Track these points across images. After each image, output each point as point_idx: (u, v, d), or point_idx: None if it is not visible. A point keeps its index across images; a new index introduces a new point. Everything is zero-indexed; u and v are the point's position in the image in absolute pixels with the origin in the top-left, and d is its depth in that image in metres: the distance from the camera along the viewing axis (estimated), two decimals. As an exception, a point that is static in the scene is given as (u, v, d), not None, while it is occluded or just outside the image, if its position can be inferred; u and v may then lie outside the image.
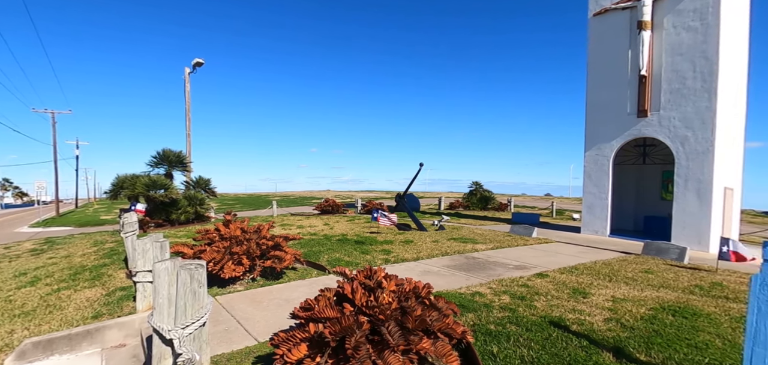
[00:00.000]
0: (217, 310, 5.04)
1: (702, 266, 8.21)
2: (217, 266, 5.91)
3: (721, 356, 3.62)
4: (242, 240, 6.44)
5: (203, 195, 16.24)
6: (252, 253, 6.29)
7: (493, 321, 4.37)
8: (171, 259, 3.43)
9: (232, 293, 5.79)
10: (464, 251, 9.31)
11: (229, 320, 4.73)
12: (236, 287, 6.04)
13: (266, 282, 6.27)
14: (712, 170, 10.97)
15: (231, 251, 6.19)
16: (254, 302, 5.39)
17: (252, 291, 5.87)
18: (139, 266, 5.03)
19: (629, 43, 12.51)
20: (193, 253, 6.15)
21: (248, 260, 6.16)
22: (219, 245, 6.29)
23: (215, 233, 6.68)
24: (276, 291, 5.89)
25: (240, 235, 6.54)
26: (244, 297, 5.63)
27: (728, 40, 11.31)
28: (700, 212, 11.17)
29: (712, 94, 10.93)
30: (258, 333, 4.28)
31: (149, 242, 4.93)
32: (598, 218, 13.48)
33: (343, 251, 8.99)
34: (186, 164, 17.12)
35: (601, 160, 13.39)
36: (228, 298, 5.54)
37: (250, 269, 6.23)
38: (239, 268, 5.99)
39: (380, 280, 3.67)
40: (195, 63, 19.23)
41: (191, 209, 15.10)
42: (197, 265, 3.17)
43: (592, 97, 13.65)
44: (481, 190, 27.17)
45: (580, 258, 8.86)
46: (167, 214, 14.45)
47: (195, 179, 17.30)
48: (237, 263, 6.07)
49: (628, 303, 5.22)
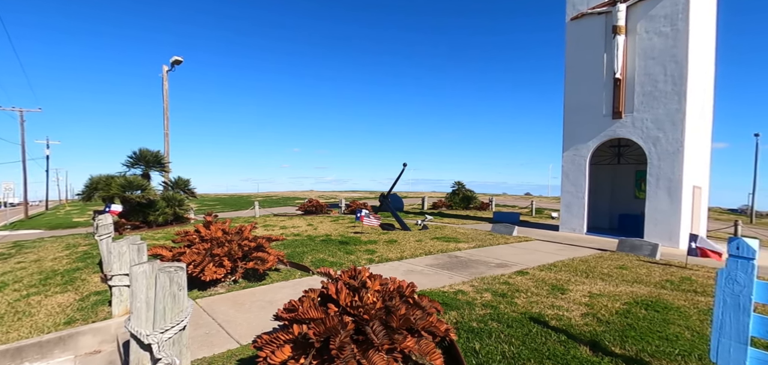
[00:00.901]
0: (198, 313, 4.94)
1: (673, 262, 8.59)
2: (198, 268, 5.79)
3: (690, 347, 3.80)
4: (223, 242, 6.33)
5: (182, 196, 15.84)
6: (234, 255, 6.19)
7: (476, 319, 4.45)
8: (149, 262, 3.34)
9: (213, 295, 5.68)
10: (447, 250, 9.42)
11: (211, 323, 4.65)
12: (217, 289, 5.93)
13: (248, 284, 6.18)
14: (681, 170, 11.47)
15: (212, 253, 6.08)
16: (236, 304, 5.31)
17: (234, 294, 5.78)
18: (115, 270, 4.88)
19: (605, 47, 12.94)
20: (172, 255, 6.01)
21: (230, 262, 6.06)
22: (199, 247, 6.17)
23: (195, 234, 6.54)
24: (259, 292, 5.82)
25: (221, 236, 6.43)
26: (226, 299, 5.54)
27: (697, 45, 11.85)
28: (670, 210, 11.66)
29: (682, 96, 11.43)
30: (240, 336, 4.22)
31: (126, 244, 4.79)
32: (575, 217, 13.88)
33: (327, 251, 8.95)
34: (164, 164, 16.65)
35: (578, 160, 13.79)
36: (209, 301, 5.44)
37: (231, 271, 6.13)
38: (220, 270, 5.89)
39: (365, 280, 3.68)
40: (173, 61, 18.73)
41: (170, 211, 14.70)
42: (177, 267, 3.10)
43: (570, 99, 14.04)
44: (463, 190, 27.52)
45: (558, 256, 9.11)
46: (144, 216, 14.03)
47: (174, 180, 16.84)
48: (218, 265, 5.97)
49: (604, 298, 5.41)
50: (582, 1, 13.51)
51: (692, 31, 11.41)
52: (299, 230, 12.62)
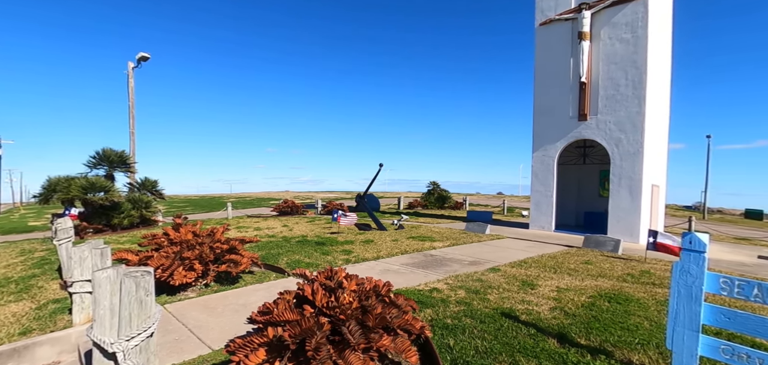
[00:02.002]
0: (167, 319, 4.77)
1: (633, 257, 9.09)
2: (166, 272, 5.59)
3: (648, 336, 4.05)
4: (194, 244, 6.14)
5: (149, 198, 15.18)
6: (205, 258, 6.02)
7: (450, 315, 4.55)
8: (113, 266, 3.20)
9: (183, 300, 5.50)
10: (423, 249, 9.54)
11: (181, 329, 4.50)
12: (188, 294, 5.75)
13: (221, 288, 6.02)
14: (641, 169, 12.15)
15: (181, 256, 5.88)
16: (208, 308, 5.17)
17: (205, 298, 5.62)
18: (76, 276, 4.63)
19: (571, 51, 13.51)
20: (139, 259, 5.77)
21: (201, 266, 5.89)
22: (168, 251, 5.95)
23: (164, 237, 6.30)
24: (232, 296, 5.68)
25: (191, 239, 6.23)
26: (197, 304, 5.37)
27: (655, 51, 12.59)
28: (631, 207, 12.33)
29: (642, 100, 12.11)
30: (212, 341, 4.12)
31: (88, 249, 4.56)
32: (544, 215, 14.41)
33: (303, 252, 8.85)
34: (130, 165, 15.90)
35: (547, 160, 14.32)
36: (179, 306, 5.26)
37: (202, 275, 5.95)
38: (191, 274, 5.71)
39: (341, 280, 3.68)
40: (139, 57, 17.93)
41: (136, 213, 14.06)
42: (144, 272, 2.99)
43: (539, 101, 14.56)
44: (438, 190, 27.94)
45: (528, 252, 9.43)
46: (108, 219, 13.34)
47: (140, 181, 16.12)
48: (188, 268, 5.78)
49: (571, 292, 5.66)
50: (550, 7, 14.04)
51: (651, 39, 12.11)
52: (274, 232, 12.40)
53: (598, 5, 12.81)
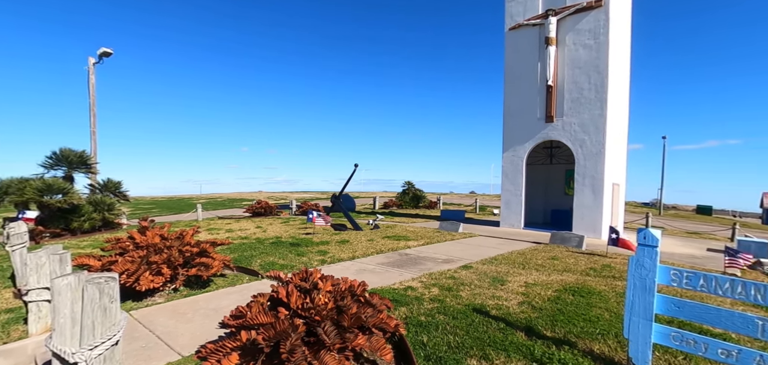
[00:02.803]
0: (133, 326, 4.60)
1: (596, 252, 9.58)
2: (132, 277, 5.37)
3: (608, 326, 4.31)
4: (162, 248, 5.94)
5: (113, 200, 14.45)
6: (174, 261, 5.83)
7: (424, 313, 4.65)
8: (74, 273, 3.06)
9: (150, 306, 5.31)
10: (398, 249, 9.65)
11: (148, 336, 4.35)
12: (155, 299, 5.55)
13: (191, 292, 5.85)
14: (603, 169, 12.82)
15: (148, 260, 5.67)
16: (177, 314, 5.02)
17: (174, 303, 5.45)
18: (32, 284, 4.38)
19: (538, 56, 14.05)
20: (102, 265, 5.51)
21: (169, 270, 5.70)
22: (134, 255, 5.72)
23: (129, 241, 6.05)
24: (202, 300, 5.54)
25: (159, 242, 6.02)
26: (165, 309, 5.20)
27: (615, 56, 13.31)
28: (594, 205, 12.98)
29: (604, 103, 12.77)
30: (182, 347, 4.01)
31: (45, 254, 4.32)
32: (514, 213, 14.91)
33: (277, 254, 8.73)
34: (90, 165, 15.07)
35: (516, 160, 14.82)
36: (146, 312, 5.08)
37: (171, 280, 5.76)
38: (158, 278, 5.51)
39: (316, 281, 3.69)
40: (101, 53, 17.02)
41: (98, 216, 13.34)
42: (108, 278, 2.88)
43: (509, 103, 15.05)
44: (413, 189, 28.25)
45: (499, 249, 9.74)
46: (67, 222, 12.59)
47: (102, 182, 15.31)
48: (156, 273, 5.58)
49: (538, 287, 5.92)
50: (519, 13, 14.54)
51: (612, 44, 12.79)
52: (247, 233, 12.14)
53: (564, 12, 13.39)
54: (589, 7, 12.92)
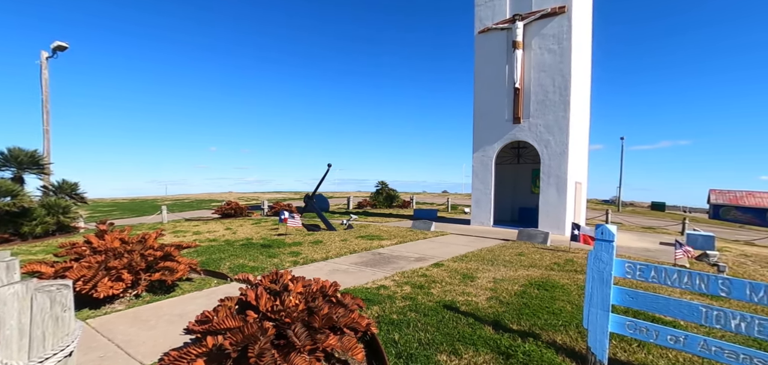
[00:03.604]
0: (91, 335, 4.35)
1: (560, 247, 10.02)
2: (89, 284, 5.08)
3: (570, 318, 4.53)
4: (122, 252, 5.65)
5: (68, 202, 13.55)
6: (135, 266, 5.56)
7: (396, 311, 4.70)
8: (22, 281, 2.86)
9: (109, 314, 5.04)
10: (371, 248, 9.67)
11: (107, 345, 4.14)
12: (115, 306, 5.27)
13: (154, 298, 5.61)
14: (567, 168, 13.41)
15: (107, 266, 5.38)
16: (139, 321, 4.80)
17: (135, 309, 5.20)
18: (-25, 295, 4.05)
19: (507, 59, 14.50)
20: (55, 271, 5.18)
21: (130, 275, 5.43)
22: (91, 260, 5.41)
23: (85, 246, 5.72)
24: (167, 306, 5.32)
25: (119, 247, 5.72)
26: (126, 316, 4.96)
27: (578, 60, 13.95)
28: (558, 203, 13.56)
29: (567, 105, 13.36)
30: (144, 356, 3.84)
31: (-10, 263, 4.00)
32: (484, 211, 15.31)
33: (247, 256, 8.52)
34: (43, 166, 14.06)
35: (485, 160, 15.23)
36: (104, 320, 4.82)
37: (132, 285, 5.50)
38: (118, 284, 5.24)
39: (287, 283, 3.65)
40: (55, 47, 15.91)
41: (51, 220, 12.47)
42: (60, 286, 2.72)
43: (479, 105, 15.44)
44: (386, 189, 28.37)
45: (469, 247, 9.98)
46: (16, 227, 11.69)
47: (57, 184, 14.33)
48: (115, 279, 5.31)
49: (506, 282, 6.13)
50: (488, 17, 14.94)
51: (574, 49, 13.41)
52: (216, 235, 11.76)
53: (530, 17, 13.89)
54: (553, 13, 13.47)
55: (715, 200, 39.67)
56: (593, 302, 3.63)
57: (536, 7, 13.80)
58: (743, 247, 14.08)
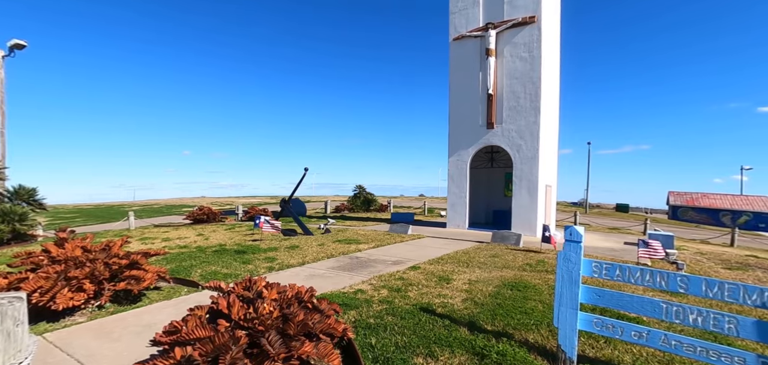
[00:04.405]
0: (48, 350, 4.09)
1: (532, 248, 10.32)
2: (47, 296, 4.78)
3: (541, 317, 4.66)
4: (84, 261, 5.35)
5: (25, 209, 12.71)
6: (98, 276, 5.28)
7: (373, 315, 4.68)
8: (-28, 295, 2.67)
9: (69, 327, 4.75)
10: (348, 252, 9.61)
11: (65, 360, 3.90)
12: (76, 318, 4.98)
13: (119, 308, 5.34)
14: (538, 172, 13.85)
15: (67, 276, 5.08)
16: (102, 334, 4.55)
17: (99, 321, 4.93)
18: None
19: (480, 66, 14.86)
20: (9, 283, 4.84)
21: (93, 285, 5.15)
22: (49, 270, 5.09)
23: (43, 255, 5.38)
24: (132, 316, 5.08)
25: (81, 255, 5.42)
26: (87, 329, 4.69)
27: (547, 68, 14.48)
28: (530, 205, 13.97)
29: (538, 111, 13.82)
30: (108, 370, 3.64)
31: (-68, 276, 3.69)
32: (459, 214, 15.57)
33: (220, 263, 8.27)
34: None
35: (461, 164, 15.51)
36: (63, 334, 4.54)
37: (95, 296, 5.21)
38: (80, 295, 4.96)
39: (261, 290, 3.57)
40: (12, 45, 14.91)
41: (6, 228, 11.65)
42: (12, 298, 2.57)
43: (454, 110, 15.72)
44: (364, 193, 28.34)
45: (445, 250, 10.11)
46: (-38, 236, 10.85)
47: (13, 189, 13.43)
48: (76, 289, 5.01)
49: (480, 283, 6.24)
50: (462, 25, 15.27)
51: (544, 57, 13.91)
52: (187, 242, 11.34)
53: (502, 26, 14.32)
54: (523, 23, 13.94)
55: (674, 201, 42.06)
56: (563, 301, 3.75)
57: (508, 16, 14.24)
58: (699, 246, 14.99)
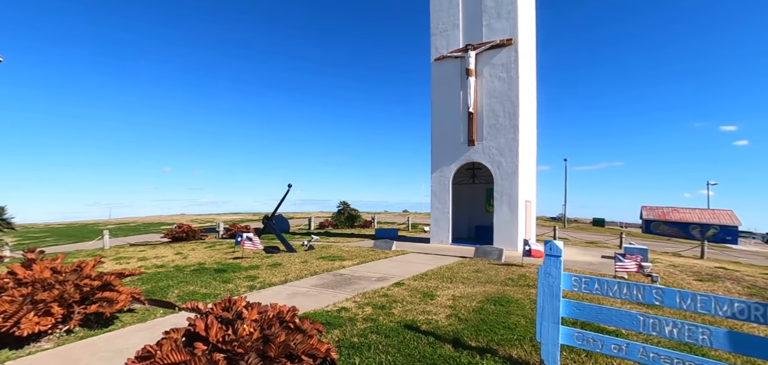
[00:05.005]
0: (10, 380, 3.83)
1: (513, 263, 10.45)
2: (10, 321, 4.50)
3: (524, 332, 4.71)
4: (53, 283, 5.09)
5: (-16, 228, 12.04)
6: (68, 298, 5.02)
7: (357, 334, 4.62)
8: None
9: (34, 354, 4.48)
10: (332, 269, 9.49)
11: (30, 390, 3.66)
12: (42, 344, 4.70)
13: (89, 333, 5.07)
14: (518, 187, 14.15)
15: (34, 299, 4.81)
16: (69, 361, 4.31)
17: (67, 347, 4.67)
18: None
19: (461, 85, 15.23)
20: (-33, 309, 4.54)
21: (62, 309, 4.89)
22: (14, 294, 4.81)
23: (8, 277, 5.09)
24: (103, 341, 4.83)
25: (49, 277, 5.16)
26: (54, 355, 4.43)
27: (525, 88, 14.96)
28: (511, 220, 14.21)
29: (516, 129, 14.20)
30: (77, 399, 3.44)
31: None
32: (442, 230, 15.67)
33: (199, 282, 8.00)
34: (-48, 187, 12.43)
35: (443, 181, 15.70)
36: (27, 362, 4.27)
37: (64, 320, 4.95)
38: (46, 320, 4.70)
39: (240, 310, 3.48)
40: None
41: (-39, 249, 10.99)
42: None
43: (436, 128, 16.00)
44: (348, 209, 28.22)
45: (429, 265, 10.12)
46: None
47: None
48: (43, 313, 4.75)
49: (464, 299, 6.26)
50: (443, 46, 15.70)
51: (521, 77, 14.38)
52: (164, 261, 10.95)
53: (481, 48, 14.79)
54: (501, 45, 14.44)
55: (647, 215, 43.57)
56: (545, 315, 3.81)
57: (486, 38, 14.73)
58: (672, 258, 15.54)
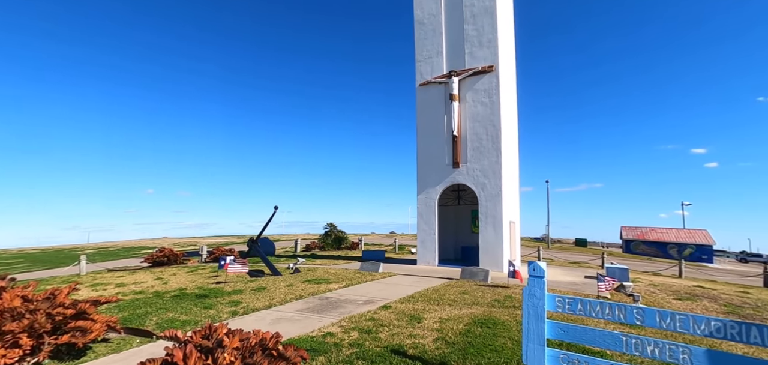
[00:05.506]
0: (-28, 419, 3.59)
1: (499, 284, 10.52)
2: (-26, 354, 4.25)
3: (511, 354, 4.72)
4: (23, 312, 4.85)
5: (-53, 255, 11.38)
6: (39, 328, 4.78)
7: (343, 360, 4.54)
8: None
9: (-1, 389, 4.22)
10: (318, 293, 9.34)
11: (-5, 428, 3.44)
12: (8, 379, 4.43)
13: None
14: (502, 209, 14.38)
15: (1, 329, 4.57)
16: (40, 395, 4.07)
17: (36, 381, 4.42)
18: None
19: (445, 109, 15.61)
20: (-73, 342, 4.27)
21: (31, 340, 4.65)
22: (-21, 325, 4.56)
23: (-27, 308, 4.82)
24: (76, 373, 4.60)
25: (19, 306, 4.91)
26: (22, 390, 4.19)
27: (506, 112, 15.42)
28: (496, 241, 14.37)
29: (499, 152, 14.55)
30: (46, 436, 3.25)
31: None
32: (429, 251, 15.69)
33: (179, 309, 7.74)
34: None
35: (429, 202, 15.83)
36: (-8, 398, 4.02)
37: (33, 351, 4.70)
38: (14, 352, 4.45)
39: (221, 338, 3.40)
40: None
41: None
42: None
43: (422, 151, 16.25)
44: (335, 231, 27.99)
45: (416, 287, 10.08)
46: None
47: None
48: (10, 345, 4.50)
49: (451, 321, 6.26)
50: (427, 72, 16.15)
51: (503, 102, 14.85)
52: (144, 287, 10.55)
53: (463, 74, 15.28)
54: (483, 71, 14.96)
55: (626, 235, 44.71)
56: (530, 337, 3.84)
57: (469, 65, 15.25)
58: (652, 277, 15.93)
